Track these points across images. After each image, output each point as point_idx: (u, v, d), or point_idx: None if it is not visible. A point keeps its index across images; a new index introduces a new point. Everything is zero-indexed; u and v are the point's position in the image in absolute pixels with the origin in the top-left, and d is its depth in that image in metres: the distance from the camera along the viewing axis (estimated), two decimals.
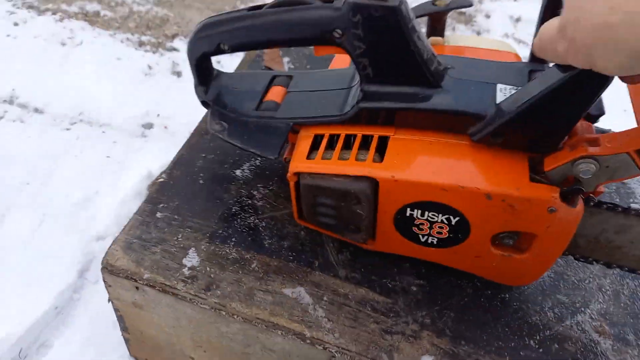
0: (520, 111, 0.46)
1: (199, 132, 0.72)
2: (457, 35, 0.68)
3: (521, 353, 0.54)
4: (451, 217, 0.51)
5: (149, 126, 1.19)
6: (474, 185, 0.48)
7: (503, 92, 0.51)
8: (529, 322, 0.57)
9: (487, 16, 2.04)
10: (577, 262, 0.63)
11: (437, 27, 0.65)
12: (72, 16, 1.60)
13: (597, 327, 0.58)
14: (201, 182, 0.65)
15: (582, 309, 0.59)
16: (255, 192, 0.65)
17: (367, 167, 0.51)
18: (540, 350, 0.55)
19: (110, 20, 1.61)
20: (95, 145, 1.11)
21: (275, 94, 0.62)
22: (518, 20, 2.06)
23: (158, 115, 1.21)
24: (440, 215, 0.51)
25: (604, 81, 0.42)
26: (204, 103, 0.63)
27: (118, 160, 1.07)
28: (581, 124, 0.50)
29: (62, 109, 1.21)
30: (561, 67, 0.43)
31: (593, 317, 0.58)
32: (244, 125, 0.59)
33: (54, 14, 1.60)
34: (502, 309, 0.58)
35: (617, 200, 0.73)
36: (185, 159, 0.68)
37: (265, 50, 0.89)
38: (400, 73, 0.51)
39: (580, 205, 0.47)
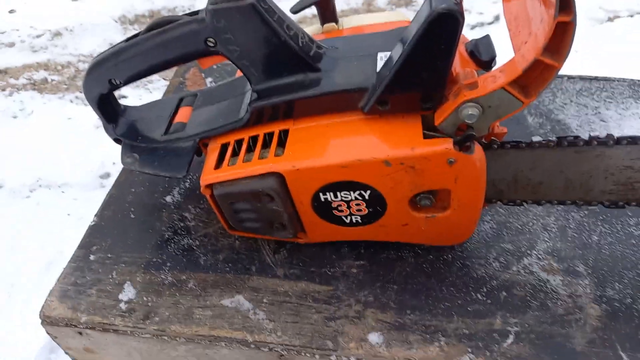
0: (394, 73, 0.46)
1: (128, 169, 0.72)
2: (351, 17, 0.68)
3: (469, 308, 0.53)
4: (363, 192, 0.51)
5: (106, 176, 1.20)
6: (370, 156, 0.48)
7: (383, 60, 0.51)
8: (474, 277, 0.56)
9: None
10: (518, 207, 0.62)
11: (327, 14, 0.65)
12: (20, 88, 1.63)
13: (544, 266, 0.57)
14: (132, 216, 0.65)
15: (528, 252, 0.58)
16: (186, 214, 0.65)
17: (269, 162, 0.51)
18: (489, 301, 0.54)
19: (58, 83, 1.64)
20: (56, 207, 1.12)
21: (182, 115, 0.63)
22: None
23: (114, 163, 1.22)
24: (352, 192, 0.51)
25: (457, 23, 0.42)
26: (116, 140, 0.63)
27: (79, 216, 1.07)
28: (464, 71, 0.50)
29: (20, 179, 1.23)
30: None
31: (540, 257, 0.58)
32: (154, 151, 0.60)
33: (3, 90, 1.63)
34: (446, 270, 0.57)
35: (553, 137, 0.73)
36: (115, 197, 0.68)
37: (187, 76, 0.90)
38: (281, 65, 0.52)
39: (477, 150, 0.47)
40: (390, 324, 0.52)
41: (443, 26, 0.42)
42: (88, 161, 1.23)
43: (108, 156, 1.23)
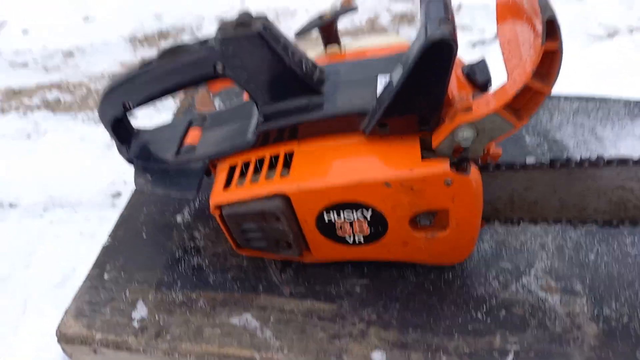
0: (392, 97, 0.49)
1: (140, 190, 0.75)
2: (353, 41, 0.71)
3: (469, 327, 0.55)
4: (365, 212, 0.53)
5: (117, 195, 1.23)
6: (371, 177, 0.50)
7: (383, 84, 0.54)
8: (474, 295, 0.58)
9: None
10: (517, 227, 0.64)
11: (330, 37, 0.68)
12: (34, 108, 1.68)
13: (543, 285, 0.58)
14: (144, 236, 0.68)
15: (527, 271, 0.60)
16: (196, 234, 0.67)
17: (275, 184, 0.53)
18: (488, 320, 0.55)
19: (71, 103, 1.68)
20: (69, 226, 1.15)
21: (192, 137, 0.66)
22: (459, 8, 2.11)
23: (125, 182, 1.25)
24: (354, 212, 0.53)
25: (450, 51, 0.45)
26: (129, 161, 0.66)
27: (91, 234, 1.10)
28: (460, 94, 0.52)
29: (34, 199, 1.26)
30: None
31: (538, 276, 0.59)
32: (165, 173, 0.63)
33: (17, 109, 1.68)
34: (446, 289, 0.59)
35: (546, 159, 0.74)
36: (128, 217, 0.71)
37: (196, 97, 0.93)
38: (286, 89, 0.55)
39: (473, 171, 0.49)
40: (393, 342, 0.54)
41: (437, 54, 0.45)
42: (100, 180, 1.27)
43: (119, 175, 1.26)
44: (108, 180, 1.27)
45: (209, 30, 2.18)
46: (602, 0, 1.77)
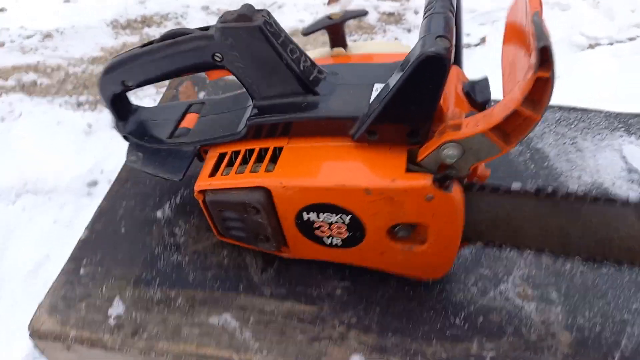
0: (383, 106, 0.49)
1: (120, 181, 0.73)
2: (359, 43, 0.71)
3: (447, 333, 0.56)
4: (344, 216, 0.52)
5: (93, 184, 1.21)
6: (353, 183, 0.50)
7: (378, 91, 0.53)
8: (453, 301, 0.59)
9: (416, 12, 2.10)
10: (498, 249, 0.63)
11: (336, 38, 0.67)
12: (9, 90, 1.62)
13: (520, 293, 0.60)
14: (123, 230, 0.66)
15: (505, 278, 0.61)
16: (177, 230, 0.66)
17: (259, 177, 0.53)
18: (466, 326, 0.56)
19: (48, 87, 1.63)
20: (42, 213, 1.12)
21: (189, 120, 0.66)
22: None
23: (102, 171, 1.23)
24: (334, 215, 0.53)
25: (444, 66, 0.45)
26: (125, 137, 0.66)
27: (66, 222, 1.08)
28: (453, 111, 0.52)
29: (7, 184, 1.23)
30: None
31: (516, 283, 0.60)
32: (157, 153, 0.63)
33: None
34: (426, 294, 0.59)
35: (533, 166, 0.76)
36: (106, 210, 0.69)
37: (180, 89, 0.92)
38: (281, 86, 0.54)
39: (456, 189, 0.49)
40: (372, 346, 0.54)
41: (431, 68, 0.45)
42: (76, 167, 1.23)
43: (96, 163, 1.23)
44: (84, 167, 1.24)
45: (194, 18, 2.15)
46: (585, 11, 1.81)
